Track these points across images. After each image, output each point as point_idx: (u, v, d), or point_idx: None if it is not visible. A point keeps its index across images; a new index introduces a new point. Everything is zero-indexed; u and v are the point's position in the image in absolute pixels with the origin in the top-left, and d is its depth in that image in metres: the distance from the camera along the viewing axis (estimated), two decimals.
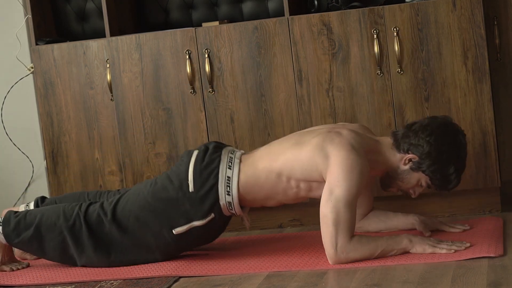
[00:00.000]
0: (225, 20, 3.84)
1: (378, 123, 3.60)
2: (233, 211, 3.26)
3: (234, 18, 4.00)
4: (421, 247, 3.04)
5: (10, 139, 4.25)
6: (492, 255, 2.92)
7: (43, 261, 3.56)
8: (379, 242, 3.04)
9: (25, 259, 3.59)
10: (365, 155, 3.11)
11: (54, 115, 3.92)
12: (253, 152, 3.34)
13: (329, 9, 3.70)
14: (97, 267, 3.35)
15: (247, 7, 4.01)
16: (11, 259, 3.46)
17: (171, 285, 3.03)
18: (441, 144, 3.13)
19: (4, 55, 4.28)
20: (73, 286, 3.15)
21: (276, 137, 3.67)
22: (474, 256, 2.93)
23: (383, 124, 3.59)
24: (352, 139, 3.12)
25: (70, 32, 4.16)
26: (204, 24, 3.78)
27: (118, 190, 3.52)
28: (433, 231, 3.32)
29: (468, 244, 3.04)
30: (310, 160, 3.12)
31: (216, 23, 3.75)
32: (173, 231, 3.24)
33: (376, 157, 3.19)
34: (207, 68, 3.71)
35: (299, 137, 3.23)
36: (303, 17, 3.64)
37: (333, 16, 3.60)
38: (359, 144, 3.12)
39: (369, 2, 3.68)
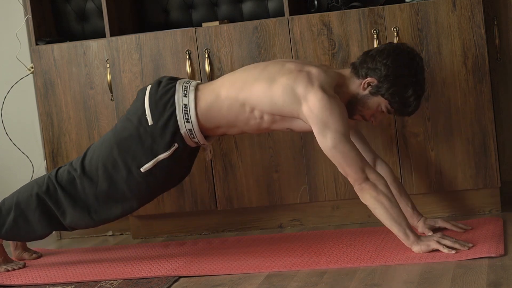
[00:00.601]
0: (225, 20, 3.84)
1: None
2: (196, 140, 3.28)
3: (234, 18, 4.00)
4: (425, 245, 3.04)
5: (10, 139, 4.25)
6: (492, 255, 2.92)
7: (42, 261, 3.56)
8: (397, 215, 3.06)
9: (23, 259, 3.59)
10: (335, 91, 3.19)
11: (54, 115, 3.92)
12: (212, 81, 3.39)
13: (329, 9, 3.70)
14: (84, 227, 3.38)
15: (247, 7, 4.01)
16: (6, 259, 3.47)
17: (171, 285, 3.03)
18: (398, 66, 3.17)
19: (4, 55, 4.28)
20: (73, 286, 3.15)
21: (276, 137, 3.68)
22: (475, 257, 2.93)
23: (383, 124, 3.58)
24: (322, 79, 3.18)
25: (70, 32, 4.16)
26: (204, 24, 3.78)
27: None
28: (435, 230, 3.32)
29: (471, 245, 3.04)
30: (280, 97, 3.17)
31: (216, 23, 3.75)
32: (141, 169, 3.26)
33: (342, 90, 3.24)
34: (207, 68, 3.71)
35: (266, 69, 3.26)
36: (303, 17, 3.64)
37: (333, 16, 3.60)
38: (328, 82, 3.18)
39: (369, 2, 3.68)
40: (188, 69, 3.73)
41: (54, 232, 4.02)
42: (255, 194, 3.74)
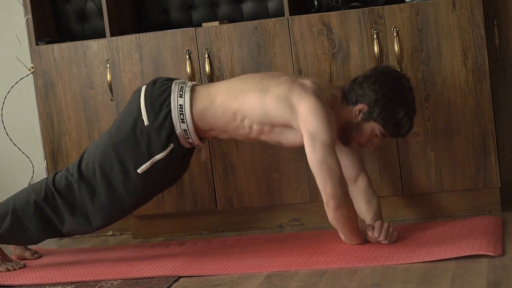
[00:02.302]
0: (225, 20, 3.84)
1: None
2: (191, 140, 3.30)
3: (234, 18, 4.00)
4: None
5: (10, 139, 4.25)
6: (491, 253, 2.93)
7: (42, 261, 3.56)
8: (355, 227, 3.22)
9: (24, 258, 3.59)
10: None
11: (54, 115, 3.92)
12: (209, 84, 3.41)
13: (329, 9, 3.70)
14: (82, 233, 3.39)
15: (247, 7, 4.01)
16: (5, 259, 3.46)
17: (171, 285, 3.03)
18: (386, 90, 3.20)
19: (4, 55, 4.28)
20: (73, 286, 3.15)
21: None
22: (473, 253, 2.94)
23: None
24: (316, 90, 3.21)
25: (70, 32, 4.16)
26: (204, 24, 3.78)
27: None
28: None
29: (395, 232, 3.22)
30: (273, 108, 3.20)
31: (216, 23, 3.75)
32: (138, 170, 3.27)
33: (335, 113, 3.25)
34: (207, 68, 3.71)
35: (262, 81, 3.28)
36: (303, 17, 3.64)
37: (333, 16, 3.60)
38: (321, 95, 3.21)
39: (369, 2, 3.68)
40: (188, 69, 3.73)
41: None
42: (255, 194, 3.74)
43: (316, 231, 3.61)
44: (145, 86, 3.36)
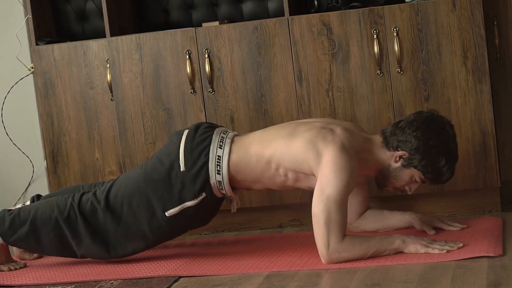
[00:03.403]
0: (225, 20, 3.84)
1: (378, 123, 3.60)
2: (224, 191, 3.27)
3: (234, 18, 4.00)
4: (414, 247, 3.05)
5: (10, 139, 4.25)
6: (491, 254, 2.92)
7: (42, 261, 3.56)
8: (371, 243, 3.05)
9: (24, 259, 3.59)
10: (356, 155, 3.14)
11: (54, 115, 3.92)
12: (247, 134, 3.36)
13: (329, 9, 3.70)
14: (97, 258, 3.36)
15: (247, 7, 4.01)
16: (8, 259, 3.46)
17: (171, 285, 3.03)
18: (428, 137, 3.15)
19: (4, 55, 4.28)
20: (73, 286, 3.15)
21: None
22: (474, 255, 2.94)
23: (383, 124, 3.59)
24: (345, 138, 3.14)
25: (70, 32, 4.16)
26: (204, 24, 3.78)
27: (112, 179, 3.52)
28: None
29: (461, 244, 3.04)
30: (300, 153, 3.14)
31: (216, 23, 3.75)
32: (166, 213, 3.25)
33: (368, 156, 3.21)
34: (207, 68, 3.71)
35: (294, 127, 3.24)
36: (303, 17, 3.64)
37: (333, 16, 3.60)
38: (351, 144, 3.14)
39: (369, 2, 3.68)
40: (188, 69, 3.73)
41: None
42: (255, 194, 3.73)
43: None
44: (187, 131, 3.31)
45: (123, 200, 3.28)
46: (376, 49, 3.56)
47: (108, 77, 3.83)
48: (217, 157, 3.23)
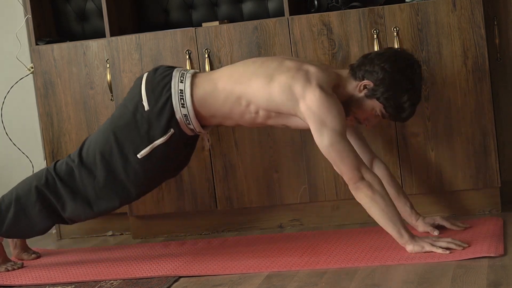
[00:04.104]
0: (225, 20, 3.84)
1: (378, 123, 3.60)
2: (192, 127, 3.28)
3: (234, 18, 4.00)
4: (419, 246, 3.04)
5: (10, 139, 4.25)
6: (492, 255, 2.92)
7: (42, 261, 3.56)
8: (394, 210, 3.06)
9: (22, 259, 3.59)
10: (332, 91, 3.19)
11: (54, 115, 3.92)
12: (211, 71, 3.39)
13: (329, 9, 3.70)
14: (83, 219, 3.38)
15: (247, 7, 4.01)
16: (5, 259, 3.47)
17: (171, 285, 3.03)
18: (395, 71, 3.18)
19: (4, 55, 4.28)
20: (73, 286, 3.15)
21: (276, 137, 3.68)
22: (475, 256, 2.93)
23: (383, 124, 3.58)
24: (321, 77, 3.18)
25: (70, 32, 4.16)
26: (204, 24, 3.78)
27: None
28: (436, 227, 3.33)
29: (466, 245, 3.04)
30: (278, 96, 3.18)
31: (216, 23, 3.75)
32: (138, 155, 3.27)
33: (340, 90, 3.24)
34: (207, 68, 3.71)
35: (265, 66, 3.26)
36: (303, 17, 3.64)
37: (333, 16, 3.60)
38: (326, 82, 3.19)
39: (369, 2, 3.68)
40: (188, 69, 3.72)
41: (54, 232, 4.03)
42: (255, 194, 3.73)
43: (316, 231, 3.61)
44: (147, 73, 3.37)
45: (95, 153, 3.31)
46: (376, 49, 3.56)
47: (108, 77, 3.83)
48: (179, 91, 3.26)
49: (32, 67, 4.03)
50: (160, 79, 3.29)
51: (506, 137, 3.72)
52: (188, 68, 3.72)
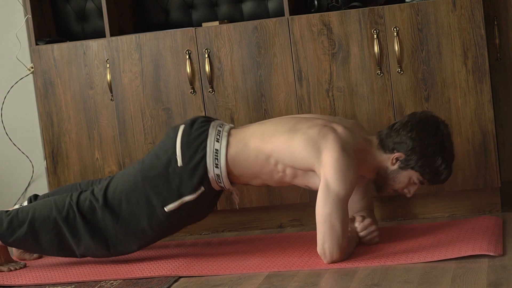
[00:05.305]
0: (225, 20, 3.84)
1: (378, 123, 3.60)
2: (222, 185, 3.27)
3: (234, 18, 4.00)
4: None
5: (10, 139, 4.25)
6: (491, 253, 2.92)
7: (42, 261, 3.56)
8: (352, 245, 3.18)
9: (24, 259, 3.59)
10: (356, 154, 3.15)
11: (54, 115, 3.91)
12: (244, 127, 3.36)
13: (329, 9, 3.69)
14: (97, 257, 3.36)
15: (247, 7, 4.01)
16: (8, 259, 3.46)
17: (171, 285, 3.03)
18: (423, 137, 3.16)
19: (4, 55, 4.28)
20: (73, 286, 3.15)
21: None
22: (474, 253, 2.93)
23: (383, 124, 3.58)
24: (346, 138, 3.15)
25: (70, 32, 4.16)
26: (204, 24, 3.78)
27: (109, 176, 3.51)
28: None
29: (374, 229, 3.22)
30: (301, 151, 3.15)
31: (216, 23, 3.75)
32: (165, 208, 3.25)
33: (366, 157, 3.22)
34: (207, 68, 3.71)
35: (294, 123, 3.24)
36: (303, 17, 3.63)
37: (333, 16, 3.60)
38: (351, 143, 3.16)
39: (369, 2, 3.68)
40: (188, 69, 3.72)
41: None
42: (255, 194, 3.73)
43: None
44: (183, 125, 3.31)
45: (121, 197, 3.28)
46: (376, 49, 3.56)
47: (108, 77, 3.83)
48: (214, 150, 3.23)
49: (32, 67, 4.03)
50: (197, 136, 3.26)
51: (506, 137, 3.72)
52: (187, 69, 3.71)
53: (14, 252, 3.60)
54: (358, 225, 3.21)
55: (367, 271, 2.93)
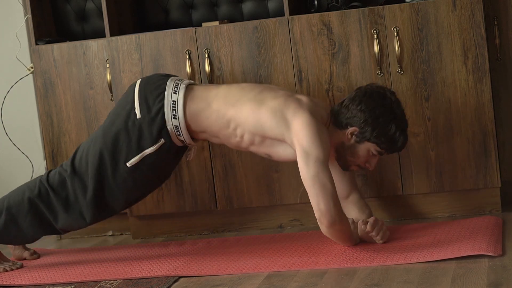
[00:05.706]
0: (225, 20, 3.84)
1: None
2: (182, 138, 3.29)
3: (234, 18, 4.00)
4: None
5: (10, 139, 4.25)
6: (491, 253, 2.92)
7: (41, 261, 3.56)
8: (354, 236, 3.22)
9: (24, 258, 3.59)
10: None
11: (54, 115, 3.92)
12: (206, 85, 3.40)
13: (329, 9, 3.69)
14: (76, 228, 3.39)
15: (247, 7, 4.01)
16: (2, 259, 3.46)
17: (171, 285, 3.03)
18: (373, 108, 3.20)
19: (4, 55, 4.28)
20: (72, 286, 3.15)
21: None
22: (473, 253, 2.93)
23: None
24: (311, 107, 3.21)
25: (70, 32, 4.16)
26: (204, 24, 3.78)
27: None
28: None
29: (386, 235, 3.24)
30: (268, 120, 3.20)
31: (216, 23, 3.75)
32: (127, 164, 3.27)
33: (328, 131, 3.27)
34: (207, 68, 3.71)
35: (259, 91, 3.29)
36: (303, 17, 3.63)
37: (333, 16, 3.60)
38: (316, 112, 3.21)
39: (369, 2, 3.68)
40: (188, 69, 3.72)
41: None
42: (255, 194, 3.73)
43: (316, 231, 3.60)
44: (140, 80, 3.37)
45: (87, 161, 3.31)
46: (376, 49, 3.56)
47: (108, 77, 3.83)
48: (172, 102, 3.27)
49: (32, 67, 4.03)
50: (154, 88, 3.30)
51: (506, 137, 3.72)
52: (187, 69, 3.72)
53: (12, 253, 3.60)
54: (364, 227, 3.21)
55: (367, 271, 2.93)
